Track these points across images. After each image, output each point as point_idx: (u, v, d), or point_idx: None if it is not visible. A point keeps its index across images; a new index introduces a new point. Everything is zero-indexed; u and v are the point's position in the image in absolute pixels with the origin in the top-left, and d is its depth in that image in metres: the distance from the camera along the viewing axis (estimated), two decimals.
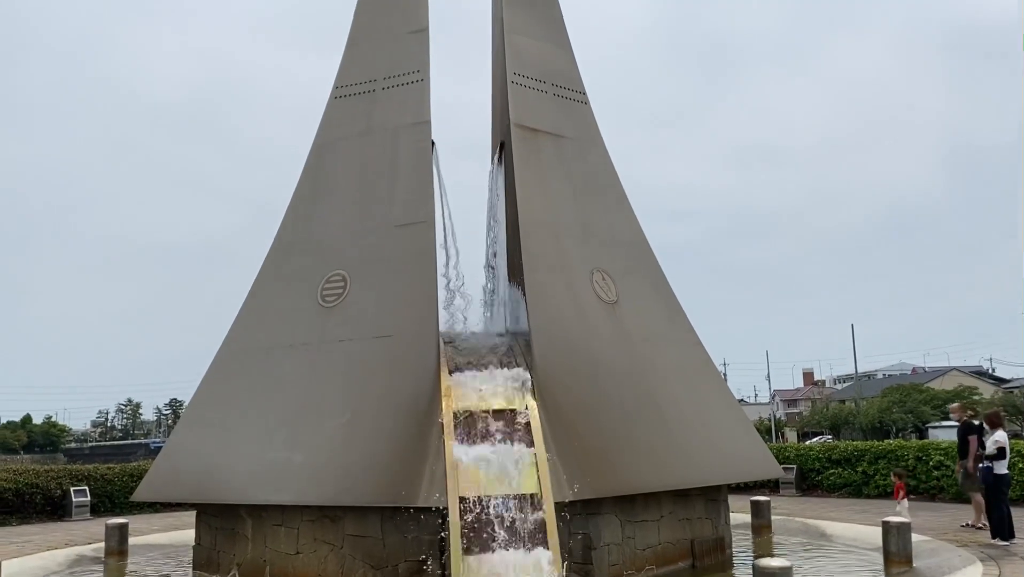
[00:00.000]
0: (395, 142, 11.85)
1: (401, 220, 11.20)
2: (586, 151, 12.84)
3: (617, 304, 11.57)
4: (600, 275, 11.61)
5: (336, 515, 9.72)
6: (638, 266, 12.49)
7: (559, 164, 12.26)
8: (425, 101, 11.88)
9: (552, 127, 12.45)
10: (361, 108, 12.38)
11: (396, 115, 12.05)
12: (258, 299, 11.80)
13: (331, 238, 11.68)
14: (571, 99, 13.04)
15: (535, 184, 11.71)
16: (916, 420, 58.18)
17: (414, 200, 11.26)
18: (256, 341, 11.37)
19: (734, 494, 16.09)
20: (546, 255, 11.22)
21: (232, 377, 11.29)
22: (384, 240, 11.19)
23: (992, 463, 11.87)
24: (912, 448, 18.99)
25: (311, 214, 12.09)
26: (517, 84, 12.29)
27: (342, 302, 10.97)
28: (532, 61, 12.75)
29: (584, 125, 13.03)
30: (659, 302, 12.43)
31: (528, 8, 13.27)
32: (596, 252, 11.90)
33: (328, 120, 12.56)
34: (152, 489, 11.46)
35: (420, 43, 12.27)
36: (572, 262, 11.48)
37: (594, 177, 12.77)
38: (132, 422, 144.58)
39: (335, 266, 11.30)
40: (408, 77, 12.12)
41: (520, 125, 11.95)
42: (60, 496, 18.39)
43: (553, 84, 12.82)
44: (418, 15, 12.51)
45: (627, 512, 10.22)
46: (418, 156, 11.58)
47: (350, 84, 12.59)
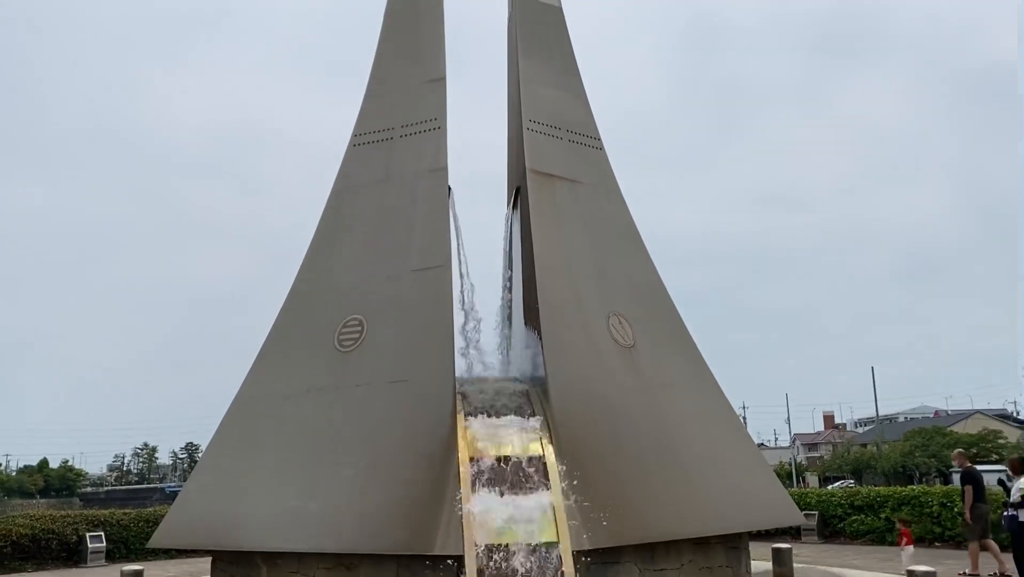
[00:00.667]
0: (413, 188, 11.99)
1: (418, 265, 11.28)
2: (602, 196, 12.93)
3: (634, 348, 11.53)
4: (617, 319, 11.60)
5: (352, 563, 9.63)
6: (655, 310, 12.47)
7: (575, 209, 12.34)
8: (442, 148, 12.04)
9: (568, 172, 12.57)
10: (379, 155, 12.56)
11: (414, 162, 12.21)
12: (275, 344, 11.85)
13: (348, 283, 11.76)
14: (586, 145, 13.17)
15: (551, 228, 11.79)
16: (940, 465, 57.13)
17: (431, 245, 11.35)
18: (273, 386, 11.39)
19: (755, 541, 15.79)
20: (562, 299, 11.24)
21: (249, 422, 11.30)
22: (401, 285, 11.26)
23: (1017, 511, 11.64)
24: (936, 494, 18.63)
25: (329, 259, 12.20)
26: (533, 131, 12.45)
27: (359, 347, 11.00)
28: (547, 108, 12.92)
29: (599, 171, 13.14)
30: (676, 346, 12.38)
31: (543, 57, 13.49)
32: (613, 296, 11.91)
33: (347, 167, 12.74)
34: (168, 535, 11.41)
35: (437, 92, 12.48)
36: (588, 306, 11.48)
37: (610, 221, 12.83)
38: (148, 466, 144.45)
39: (352, 311, 11.36)
40: (425, 125, 12.30)
41: (536, 171, 12.07)
42: (76, 542, 18.34)
43: (568, 131, 12.97)
44: (436, 64, 12.75)
45: (646, 560, 10.06)
46: (435, 202, 11.70)
47: (369, 132, 12.80)
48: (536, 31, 13.65)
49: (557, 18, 14.03)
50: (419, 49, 13.17)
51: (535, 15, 13.77)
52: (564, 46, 13.94)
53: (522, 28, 13.46)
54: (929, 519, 18.05)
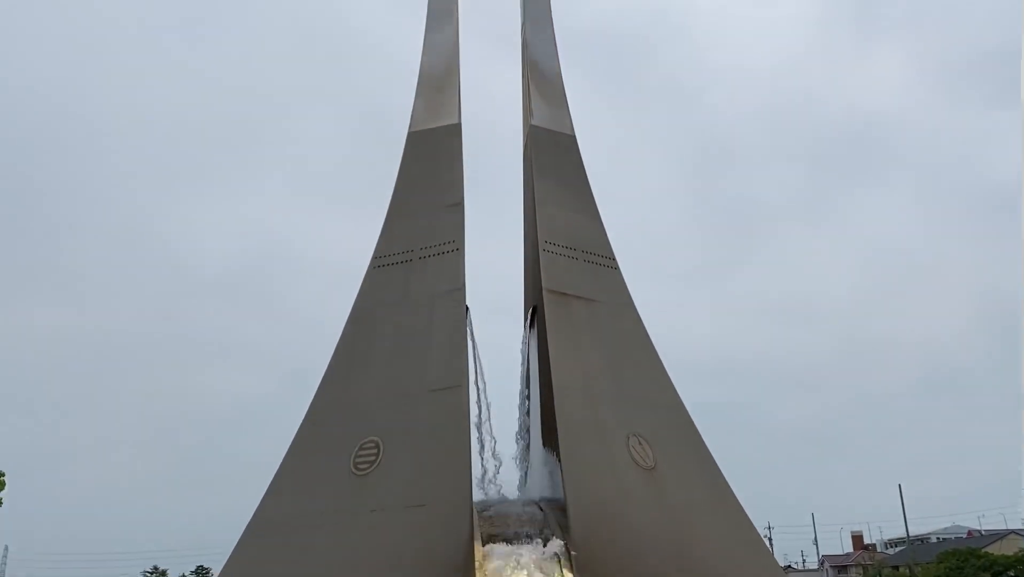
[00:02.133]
0: (431, 308, 12.14)
1: (435, 384, 11.29)
2: (618, 315, 13.01)
3: (655, 470, 11.32)
4: (637, 440, 11.44)
5: None
6: (675, 430, 12.31)
7: (592, 328, 12.40)
8: (460, 269, 12.27)
9: (584, 292, 12.70)
10: (399, 276, 12.79)
11: (432, 283, 12.41)
12: (292, 465, 11.72)
13: (366, 403, 11.73)
14: (601, 264, 13.37)
15: (568, 348, 11.82)
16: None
17: (448, 365, 11.39)
18: (289, 509, 11.19)
19: None
20: (581, 419, 11.14)
21: (263, 547, 11.04)
22: (418, 405, 11.22)
23: None
24: None
25: (347, 379, 12.22)
26: (549, 251, 12.68)
27: (375, 469, 10.87)
28: (563, 230, 13.21)
29: (615, 289, 13.28)
30: (698, 466, 12.14)
31: (558, 180, 13.90)
32: (632, 416, 11.79)
33: (367, 288, 12.95)
34: None
35: (456, 215, 12.83)
36: (608, 427, 11.36)
37: (627, 340, 12.85)
38: None
39: (369, 432, 11.29)
40: (444, 247, 12.58)
41: (552, 290, 12.22)
42: None
43: (584, 251, 13.20)
44: (454, 189, 13.16)
45: None
46: (453, 322, 11.83)
47: (389, 254, 13.07)
48: (551, 156, 14.13)
49: (571, 144, 14.54)
50: (438, 175, 13.61)
51: (550, 141, 14.28)
52: (578, 170, 14.37)
53: (537, 153, 13.93)
54: None
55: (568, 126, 14.66)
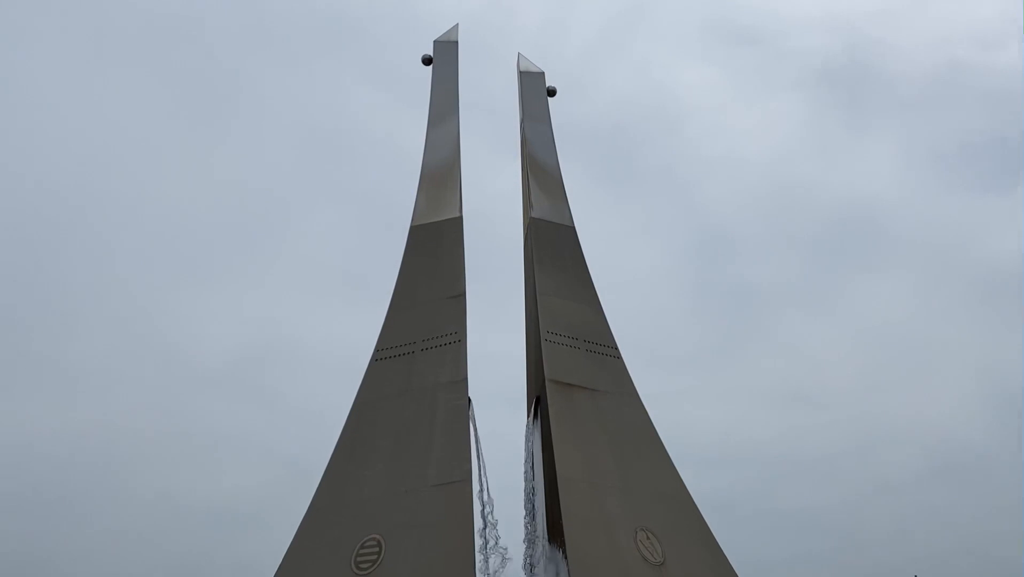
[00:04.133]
0: (433, 400, 12.07)
1: (438, 480, 11.12)
2: (622, 405, 12.91)
3: (664, 566, 11.02)
4: (644, 534, 11.18)
5: None
6: (684, 523, 12.03)
7: (596, 418, 12.30)
8: (462, 360, 12.26)
9: (586, 381, 12.65)
10: (400, 369, 12.76)
11: (434, 375, 12.38)
12: (291, 566, 11.42)
13: (367, 500, 11.52)
14: (604, 354, 13.35)
15: (572, 439, 11.69)
16: None
17: (451, 458, 11.26)
18: None
19: None
20: (587, 514, 10.92)
21: None
22: (420, 501, 11.02)
23: None
24: None
25: (347, 475, 12.03)
26: (551, 341, 12.69)
27: (377, 569, 10.58)
28: (564, 319, 13.25)
29: (618, 379, 13.22)
30: (709, 561, 11.81)
31: (558, 270, 14.03)
32: (639, 509, 11.55)
33: (368, 381, 12.89)
34: None
35: (457, 307, 12.90)
36: (614, 521, 11.13)
37: (632, 430, 12.72)
38: None
39: (370, 529, 11.04)
40: (446, 338, 12.60)
41: (555, 380, 12.18)
42: None
43: (585, 340, 13.20)
44: (456, 281, 13.27)
45: None
46: (455, 414, 11.75)
47: (390, 347, 13.07)
48: (551, 248, 14.29)
49: (570, 235, 14.73)
50: (440, 267, 13.74)
51: (550, 233, 14.48)
52: (578, 260, 14.51)
53: (537, 245, 14.10)
54: None
55: (567, 218, 14.89)
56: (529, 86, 16.31)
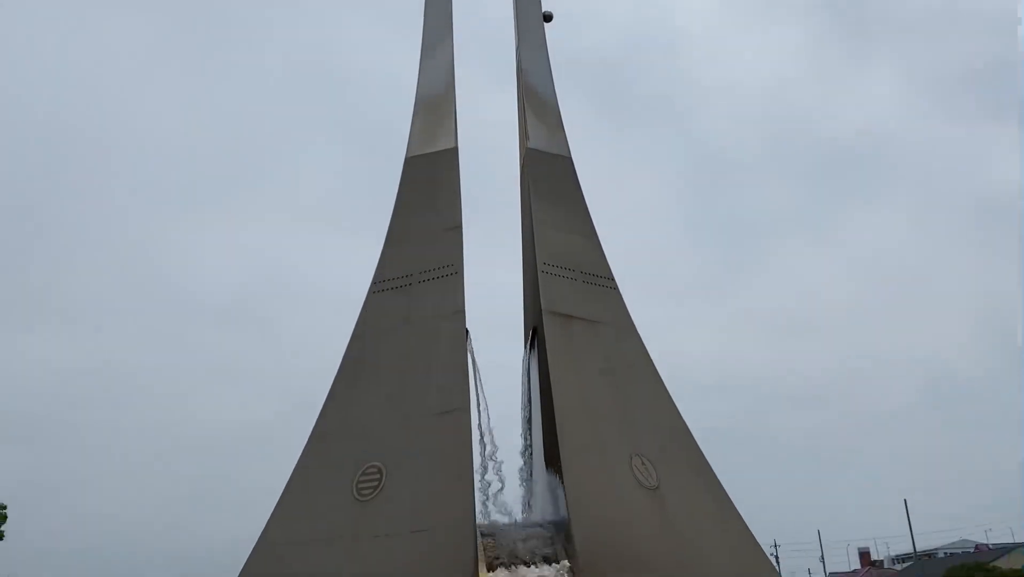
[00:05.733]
0: (431, 332, 12.18)
1: (438, 408, 11.31)
2: (618, 336, 13.04)
3: (658, 489, 11.31)
4: (640, 460, 11.44)
5: None
6: (678, 449, 12.30)
7: (592, 349, 12.43)
8: (459, 292, 12.32)
9: (583, 313, 12.74)
10: (398, 301, 12.82)
11: (432, 306, 12.45)
12: (294, 492, 11.69)
13: (368, 427, 11.73)
14: (600, 286, 13.42)
15: (569, 369, 11.84)
16: None
17: (450, 388, 11.42)
18: (292, 535, 11.16)
19: None
20: (584, 441, 11.15)
21: (269, 572, 11.00)
22: (421, 429, 11.23)
23: None
24: None
25: (348, 403, 12.22)
26: (547, 273, 12.74)
27: (378, 495, 10.85)
28: (561, 251, 13.27)
29: (614, 310, 13.31)
30: (702, 485, 12.12)
31: (555, 202, 13.98)
32: (634, 436, 11.79)
33: (367, 313, 12.97)
34: None
35: (454, 239, 12.90)
36: (610, 447, 11.36)
37: (628, 360, 12.87)
38: None
39: (372, 457, 11.28)
40: (443, 270, 12.63)
41: (552, 312, 12.26)
42: None
43: (582, 272, 13.25)
44: (452, 213, 13.23)
45: None
46: (453, 345, 11.86)
47: (388, 279, 13.11)
48: (548, 178, 14.21)
49: (567, 166, 14.63)
50: (436, 199, 13.68)
51: (546, 164, 14.37)
52: (574, 191, 14.45)
53: (534, 176, 14.02)
54: None
55: (564, 148, 14.76)
56: (525, 11, 15.99)
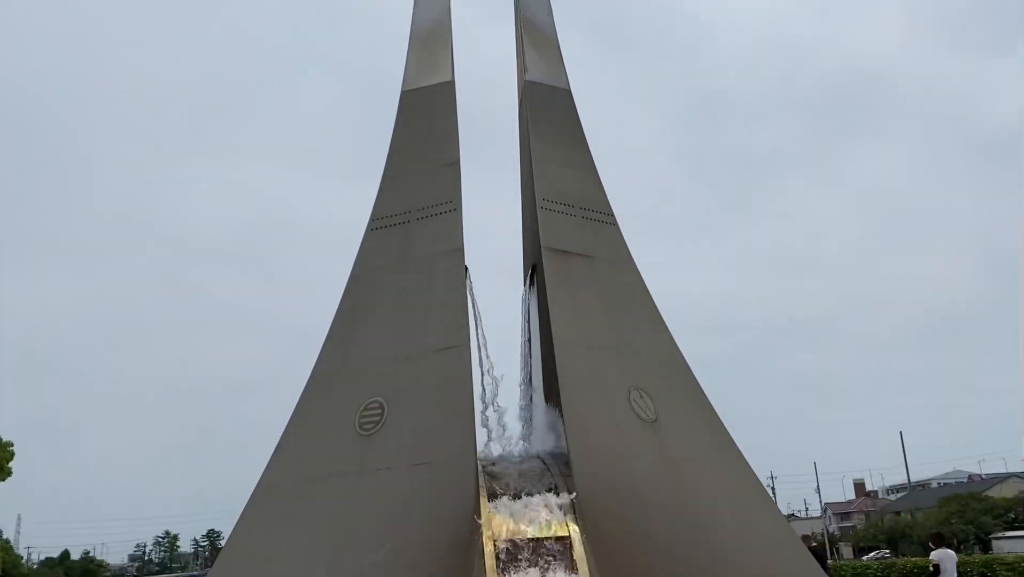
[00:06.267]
0: (430, 270, 12.17)
1: (437, 345, 11.36)
2: (617, 271, 13.04)
3: (656, 422, 11.45)
4: (638, 393, 11.55)
5: None
6: (676, 383, 12.42)
7: (591, 284, 12.44)
8: (458, 229, 12.26)
9: (583, 249, 12.71)
10: (396, 238, 12.79)
11: (430, 244, 12.42)
12: (297, 429, 11.86)
13: (368, 366, 11.82)
14: (600, 221, 13.36)
15: (568, 305, 11.87)
16: (978, 531, 55.40)
17: (449, 326, 11.45)
18: (296, 471, 11.36)
19: None
20: (582, 375, 11.24)
21: (271, 509, 11.23)
22: (421, 366, 11.31)
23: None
24: (976, 563, 18.07)
25: (348, 342, 12.30)
26: (546, 209, 12.66)
27: (380, 430, 10.99)
28: (560, 187, 13.16)
29: (614, 246, 13.28)
30: (699, 419, 12.28)
31: (554, 137, 13.81)
32: (633, 370, 11.89)
33: (364, 251, 12.95)
34: None
35: (452, 175, 12.78)
36: (609, 381, 11.46)
37: (627, 296, 12.90)
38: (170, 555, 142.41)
39: (372, 394, 11.39)
40: (441, 207, 12.55)
41: (551, 248, 12.23)
42: None
43: (581, 208, 13.17)
44: (449, 148, 13.08)
45: None
46: (452, 283, 11.86)
47: (386, 216, 13.05)
48: (546, 112, 14.01)
49: (566, 100, 14.41)
50: (433, 135, 13.53)
51: (544, 97, 14.15)
52: (574, 125, 14.27)
53: (532, 110, 13.82)
54: None
55: (563, 81, 14.52)
56: None
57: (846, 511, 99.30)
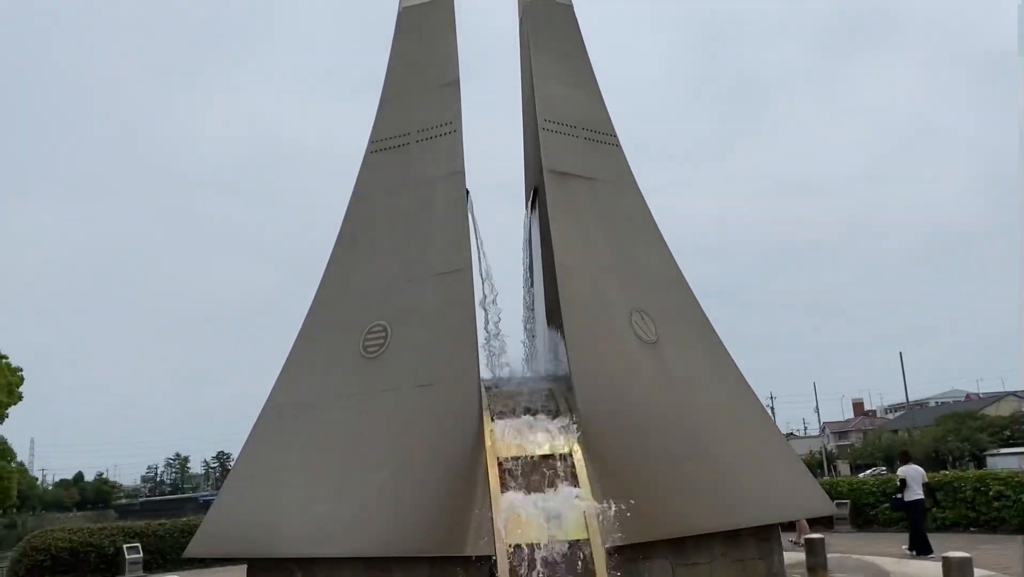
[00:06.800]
0: (431, 193, 12.07)
1: (439, 269, 11.36)
2: (620, 193, 12.93)
3: (657, 344, 11.53)
4: (639, 315, 11.60)
5: (385, 566, 9.72)
6: (677, 305, 12.46)
7: (593, 207, 12.36)
8: (458, 151, 12.10)
9: (585, 171, 12.58)
10: (396, 161, 12.65)
11: (431, 167, 12.28)
12: (301, 352, 11.97)
13: (371, 289, 11.85)
14: (602, 142, 13.18)
15: (570, 227, 11.82)
16: (973, 448, 56.46)
17: (451, 249, 11.42)
18: (301, 394, 11.52)
19: (788, 532, 15.75)
20: (584, 297, 11.26)
21: (278, 430, 11.43)
22: (423, 289, 11.34)
23: (900, 494, 15.46)
24: (970, 479, 18.44)
25: (350, 267, 12.31)
26: (548, 130, 12.47)
27: (384, 353, 11.09)
28: (562, 107, 12.94)
29: (616, 168, 13.14)
30: (700, 340, 12.36)
31: (556, 56, 13.51)
32: (634, 292, 11.91)
33: (364, 175, 12.84)
34: (203, 545, 11.58)
35: (452, 95, 12.54)
36: (611, 303, 11.50)
37: (629, 218, 12.83)
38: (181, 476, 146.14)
39: (375, 317, 11.46)
40: (441, 129, 12.37)
41: (553, 170, 12.10)
42: (113, 554, 18.63)
43: (584, 129, 12.97)
44: (449, 68, 12.81)
45: (678, 555, 10.06)
46: (453, 206, 11.77)
47: (385, 139, 12.89)
48: (547, 30, 13.67)
49: (568, 17, 14.04)
50: (431, 54, 13.23)
51: (546, 15, 13.79)
52: (576, 44, 13.94)
53: (533, 28, 13.48)
54: (964, 504, 17.88)
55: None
56: None
57: (844, 430, 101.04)
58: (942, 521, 17.94)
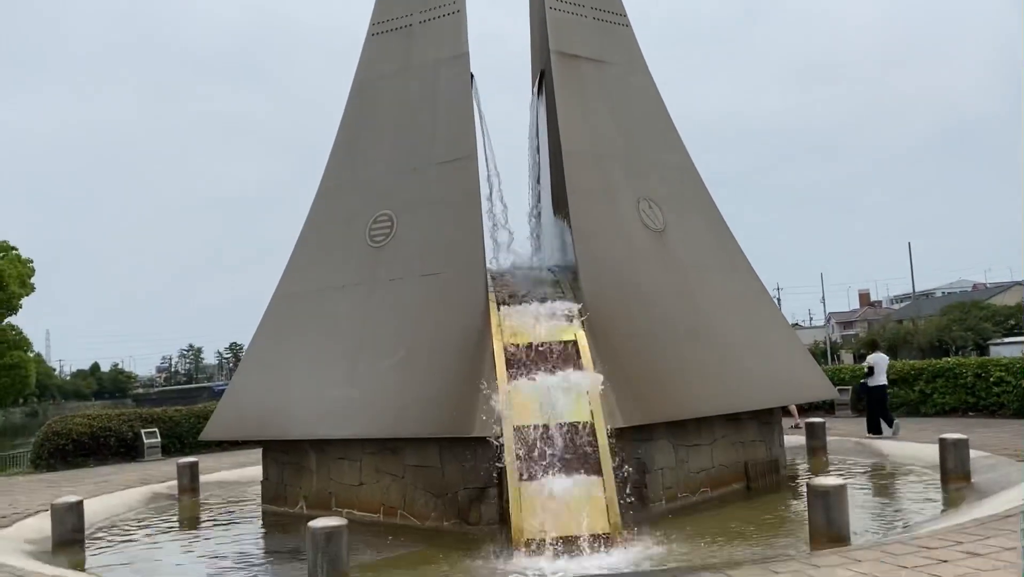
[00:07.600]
0: (434, 77, 11.75)
1: (444, 157, 11.18)
2: (629, 76, 12.57)
3: (664, 232, 11.47)
4: (647, 203, 11.49)
5: (396, 447, 10.03)
6: (686, 193, 12.33)
7: (602, 90, 12.04)
8: (462, 33, 11.71)
9: (593, 53, 12.19)
10: (399, 44, 12.27)
11: (434, 49, 11.92)
12: (308, 242, 11.98)
13: (376, 178, 11.73)
14: (612, 22, 12.72)
15: (577, 112, 11.55)
16: (977, 337, 56.92)
17: (456, 136, 11.20)
18: (309, 283, 11.59)
19: (788, 417, 16.09)
20: (590, 184, 11.12)
21: (288, 319, 11.57)
22: (428, 178, 11.20)
23: (865, 380, 15.88)
24: (971, 365, 18.64)
25: (355, 155, 12.14)
26: (555, 10, 12.02)
27: (390, 241, 11.08)
28: None
29: (626, 49, 12.73)
30: (708, 229, 12.29)
31: None
32: (642, 180, 11.76)
33: (366, 58, 12.49)
34: (219, 428, 11.93)
35: None
36: (617, 191, 11.37)
37: (638, 103, 12.53)
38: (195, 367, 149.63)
39: (381, 206, 11.38)
40: (444, 10, 11.93)
41: (560, 52, 11.72)
42: (132, 438, 19.22)
43: (592, 8, 12.49)
44: None
45: (680, 437, 10.32)
46: (458, 90, 11.47)
47: (386, 20, 12.46)
48: None
49: None
50: None
51: None
52: None
53: None
54: (963, 390, 18.15)
55: None
56: None
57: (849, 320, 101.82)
58: (941, 406, 18.25)
